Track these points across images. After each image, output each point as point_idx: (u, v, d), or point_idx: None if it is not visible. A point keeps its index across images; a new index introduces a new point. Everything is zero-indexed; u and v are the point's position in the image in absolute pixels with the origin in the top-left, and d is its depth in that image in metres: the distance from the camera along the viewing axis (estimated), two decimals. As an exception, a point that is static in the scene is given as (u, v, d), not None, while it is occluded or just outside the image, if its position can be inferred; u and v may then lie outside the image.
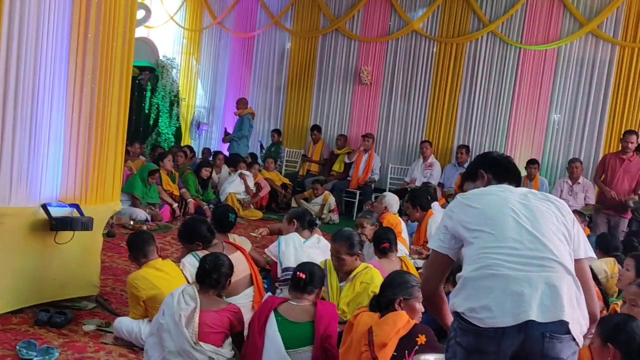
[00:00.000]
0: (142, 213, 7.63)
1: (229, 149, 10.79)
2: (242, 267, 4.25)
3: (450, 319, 2.54)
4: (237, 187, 9.19)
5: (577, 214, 6.27)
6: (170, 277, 4.06)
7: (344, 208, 9.89)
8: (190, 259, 4.29)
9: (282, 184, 10.06)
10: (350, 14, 10.71)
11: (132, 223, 7.35)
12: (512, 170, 2.67)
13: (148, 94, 11.34)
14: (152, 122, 11.41)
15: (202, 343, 3.22)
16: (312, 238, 4.91)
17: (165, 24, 12.07)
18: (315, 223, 5.22)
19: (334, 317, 3.32)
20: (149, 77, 11.26)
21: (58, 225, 4.21)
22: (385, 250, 4.60)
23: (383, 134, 10.66)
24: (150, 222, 7.65)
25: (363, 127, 10.74)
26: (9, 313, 4.23)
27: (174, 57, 12.08)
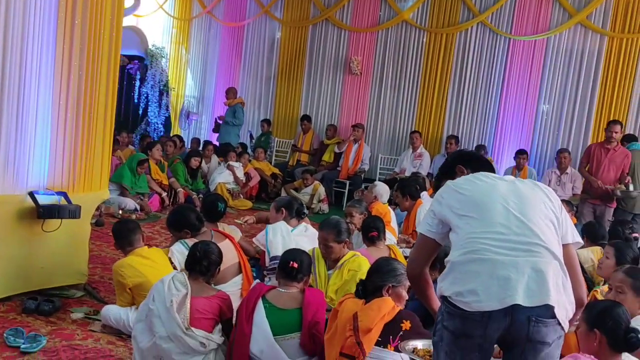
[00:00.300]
0: (131, 202, 7.60)
1: (219, 139, 10.76)
2: (230, 255, 4.25)
3: (436, 303, 2.57)
4: (226, 177, 9.20)
5: (565, 204, 6.32)
6: (157, 264, 4.05)
7: (334, 198, 9.92)
8: (179, 247, 4.28)
9: (271, 174, 10.07)
10: (341, 4, 10.67)
11: (120, 212, 7.33)
12: (487, 164, 2.76)
13: (137, 84, 11.30)
14: (141, 111, 11.37)
15: (193, 328, 3.22)
16: (299, 226, 4.91)
17: (155, 13, 12.00)
18: (304, 212, 5.19)
19: (322, 303, 3.33)
20: (138, 66, 11.20)
21: (45, 213, 4.20)
22: (374, 239, 4.60)
23: (373, 124, 10.68)
24: (140, 211, 7.63)
25: (353, 117, 10.74)
26: (-4, 301, 4.22)
27: (164, 46, 12.04)
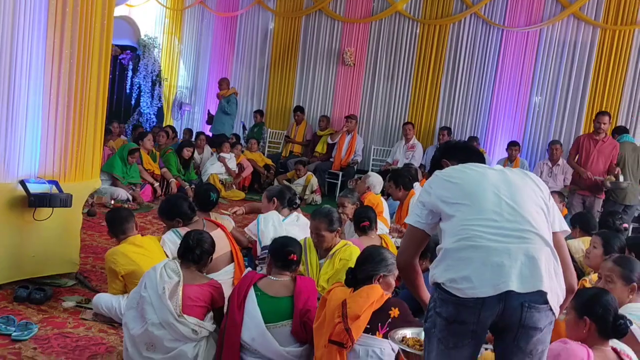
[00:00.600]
0: (123, 193, 7.58)
1: (213, 130, 10.73)
2: (222, 244, 4.25)
3: (426, 293, 2.59)
4: (219, 168, 9.22)
5: (557, 195, 6.35)
6: (149, 252, 4.05)
7: (327, 189, 9.92)
8: (171, 236, 4.28)
9: (264, 165, 10.06)
10: (334, -6, 10.63)
11: (112, 202, 7.31)
12: (475, 153, 2.74)
13: (130, 74, 11.25)
14: (133, 102, 11.32)
15: (185, 315, 3.23)
16: (291, 216, 4.92)
17: (147, 3, 11.90)
18: (296, 202, 5.19)
19: (313, 291, 3.34)
20: (131, 56, 11.15)
21: (36, 202, 4.18)
22: (365, 229, 4.62)
23: (366, 116, 10.67)
24: (132, 202, 7.61)
25: (346, 108, 10.72)
26: (-12, 289, 4.21)
27: (156, 36, 11.96)
